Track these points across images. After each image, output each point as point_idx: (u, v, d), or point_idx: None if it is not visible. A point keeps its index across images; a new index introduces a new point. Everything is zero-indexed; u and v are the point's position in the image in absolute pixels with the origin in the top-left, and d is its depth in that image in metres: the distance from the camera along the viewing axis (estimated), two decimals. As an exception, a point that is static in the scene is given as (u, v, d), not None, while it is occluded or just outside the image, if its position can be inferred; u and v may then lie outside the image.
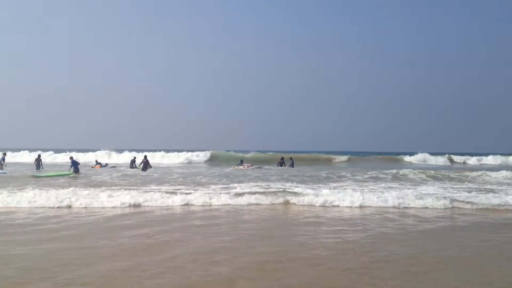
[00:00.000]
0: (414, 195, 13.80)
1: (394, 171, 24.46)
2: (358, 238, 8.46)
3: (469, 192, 15.52)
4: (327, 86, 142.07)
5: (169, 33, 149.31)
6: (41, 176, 21.28)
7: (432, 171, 24.21)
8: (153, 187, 16.28)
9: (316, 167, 36.97)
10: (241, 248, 7.52)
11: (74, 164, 23.45)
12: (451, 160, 50.18)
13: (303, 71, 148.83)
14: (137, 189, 15.10)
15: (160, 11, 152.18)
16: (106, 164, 33.37)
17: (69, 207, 12.00)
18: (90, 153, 44.79)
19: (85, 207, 11.99)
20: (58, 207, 11.96)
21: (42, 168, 27.31)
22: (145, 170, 26.98)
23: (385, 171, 24.48)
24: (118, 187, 15.95)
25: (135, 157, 33.43)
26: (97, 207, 12.06)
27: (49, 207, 11.95)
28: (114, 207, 12.10)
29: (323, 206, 12.71)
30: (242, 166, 31.56)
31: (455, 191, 15.84)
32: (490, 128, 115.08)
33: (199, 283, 5.55)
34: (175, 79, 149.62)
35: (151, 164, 30.08)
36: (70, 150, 49.09)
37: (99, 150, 47.34)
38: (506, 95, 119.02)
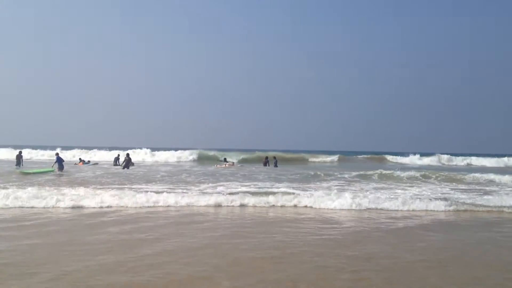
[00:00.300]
0: (409, 196, 13.85)
1: (387, 171, 23.95)
2: (346, 238, 8.50)
3: (463, 192, 15.82)
4: (318, 86, 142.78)
5: (168, 33, 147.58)
6: (29, 173, 20.78)
7: (425, 171, 24.10)
8: (138, 186, 16.06)
9: (304, 166, 37.06)
10: (225, 245, 7.46)
11: (59, 160, 22.96)
12: (442, 161, 50.25)
13: (291, 71, 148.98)
14: (123, 188, 14.85)
15: (148, 10, 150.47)
16: (89, 161, 33.12)
17: (53, 206, 11.55)
18: (68, 151, 43.65)
19: (72, 207, 11.56)
20: (44, 207, 11.51)
21: (22, 165, 26.65)
22: (128, 168, 26.71)
23: (376, 171, 24.12)
24: (104, 186, 15.66)
25: (118, 155, 32.87)
26: (84, 206, 11.70)
27: (32, 206, 11.53)
28: (100, 207, 11.77)
29: (308, 206, 12.51)
30: (225, 165, 31.81)
31: (457, 192, 16.04)
32: (484, 128, 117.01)
33: (182, 280, 5.48)
34: (165, 78, 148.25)
35: (133, 162, 29.49)
36: (52, 147, 47.80)
37: (75, 148, 46.09)
38: (502, 96, 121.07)
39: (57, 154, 24.23)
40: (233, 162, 33.83)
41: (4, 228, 8.54)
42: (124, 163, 27.20)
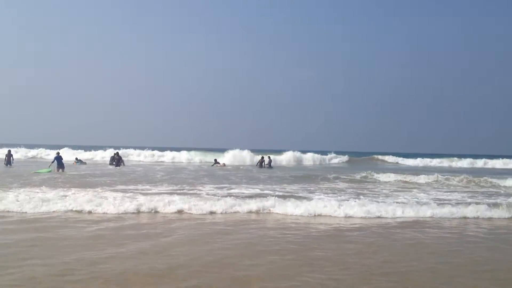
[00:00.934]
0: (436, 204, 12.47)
1: (395, 173, 23.48)
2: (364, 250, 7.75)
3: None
4: (318, 86, 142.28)
5: (168, 33, 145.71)
6: (40, 173, 20.55)
7: (448, 175, 23.23)
8: (140, 187, 15.21)
9: (302, 166, 36.55)
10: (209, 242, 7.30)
11: (58, 159, 22.27)
12: (449, 162, 49.51)
13: (291, 71, 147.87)
14: (128, 191, 14.01)
15: (148, 10, 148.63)
16: (80, 160, 33.90)
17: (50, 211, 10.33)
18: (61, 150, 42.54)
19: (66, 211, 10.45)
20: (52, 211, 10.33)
21: (12, 164, 25.84)
22: (119, 166, 28.37)
23: (380, 172, 23.67)
24: (111, 188, 14.78)
25: (114, 153, 32.35)
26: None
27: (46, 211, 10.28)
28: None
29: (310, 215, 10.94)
30: (216, 165, 33.84)
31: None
32: (484, 128, 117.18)
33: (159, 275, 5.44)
34: (165, 78, 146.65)
35: (123, 160, 30.64)
36: (47, 146, 46.68)
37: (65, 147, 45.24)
38: (503, 95, 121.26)
39: (57, 153, 23.41)
40: (224, 163, 35.39)
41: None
42: (115, 162, 29.08)
